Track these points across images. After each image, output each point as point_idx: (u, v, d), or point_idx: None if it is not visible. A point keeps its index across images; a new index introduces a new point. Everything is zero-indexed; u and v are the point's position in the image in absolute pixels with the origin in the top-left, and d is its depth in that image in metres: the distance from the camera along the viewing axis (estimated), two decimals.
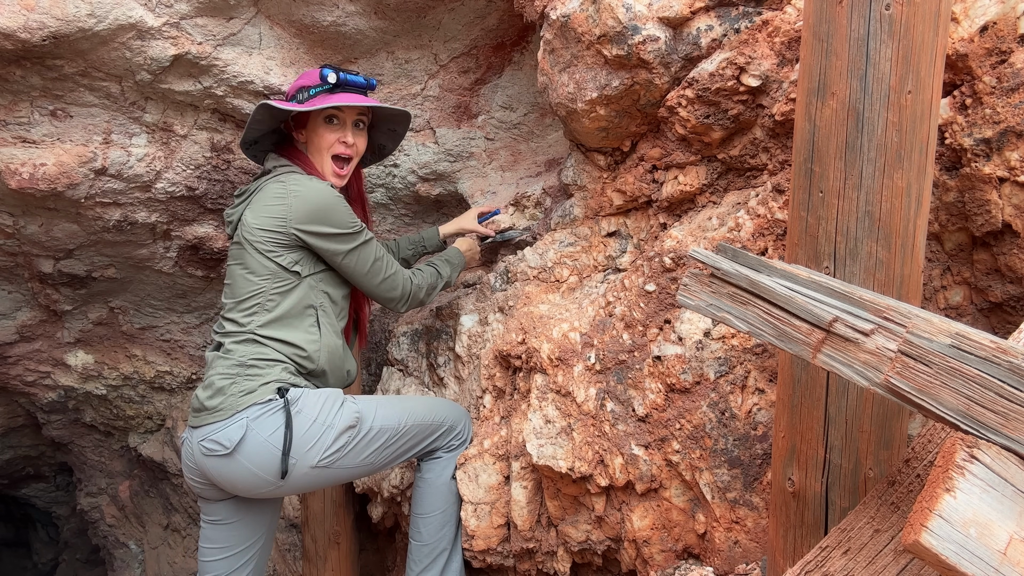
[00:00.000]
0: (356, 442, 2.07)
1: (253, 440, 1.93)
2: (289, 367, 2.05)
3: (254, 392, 1.96)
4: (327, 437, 2.01)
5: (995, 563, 0.86)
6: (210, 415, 1.97)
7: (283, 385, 2.00)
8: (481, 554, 2.28)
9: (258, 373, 2.00)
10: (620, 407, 2.03)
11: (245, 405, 1.95)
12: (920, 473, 1.22)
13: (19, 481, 4.93)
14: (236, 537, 2.15)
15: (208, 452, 1.96)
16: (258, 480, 1.97)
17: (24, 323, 3.33)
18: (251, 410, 1.94)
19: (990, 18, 1.54)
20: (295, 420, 1.97)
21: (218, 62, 2.45)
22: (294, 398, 1.99)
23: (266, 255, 2.02)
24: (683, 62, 1.98)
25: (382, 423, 2.14)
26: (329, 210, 2.04)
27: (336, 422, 2.04)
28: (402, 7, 2.47)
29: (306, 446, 1.98)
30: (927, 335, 0.96)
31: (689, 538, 1.95)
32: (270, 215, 2.02)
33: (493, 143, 2.87)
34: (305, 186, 2.04)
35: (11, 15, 2.14)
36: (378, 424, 2.13)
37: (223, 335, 2.08)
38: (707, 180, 2.10)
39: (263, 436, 1.94)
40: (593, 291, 2.29)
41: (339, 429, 2.03)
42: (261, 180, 2.13)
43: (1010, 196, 1.53)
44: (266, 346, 2.03)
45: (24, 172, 2.49)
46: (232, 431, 1.94)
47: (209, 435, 1.96)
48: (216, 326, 2.14)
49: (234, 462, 1.95)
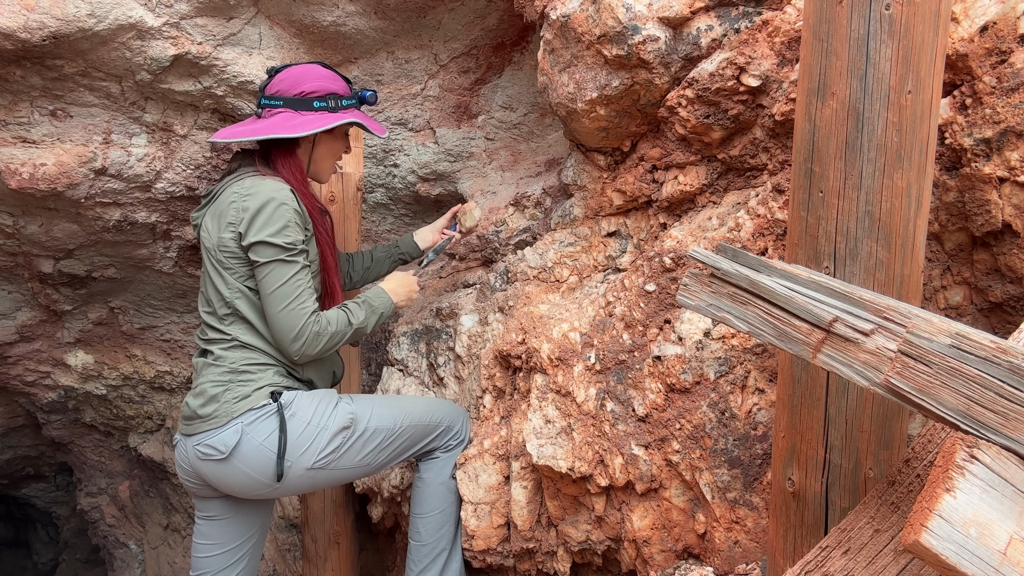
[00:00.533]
0: (351, 443, 2.07)
1: (248, 445, 1.94)
2: (280, 370, 2.05)
3: (249, 397, 1.97)
4: (321, 439, 2.01)
5: (995, 563, 0.86)
6: (204, 423, 1.97)
7: (276, 389, 2.00)
8: (481, 554, 2.28)
9: (251, 378, 2.00)
10: (620, 407, 2.03)
11: (241, 411, 1.95)
12: (920, 473, 1.22)
13: (19, 481, 4.93)
14: (229, 534, 2.15)
15: (204, 456, 1.96)
16: (254, 483, 1.98)
17: (24, 323, 3.33)
18: (246, 415, 1.95)
19: (990, 18, 1.54)
20: (289, 423, 1.97)
21: (218, 62, 2.45)
22: (287, 401, 1.99)
23: (228, 272, 2.00)
24: (683, 62, 1.98)
25: (377, 423, 2.13)
26: (273, 213, 1.94)
27: (330, 424, 2.03)
28: (402, 7, 2.47)
29: (301, 448, 1.98)
30: (927, 335, 0.96)
31: (689, 538, 1.95)
32: (228, 227, 1.97)
33: (493, 143, 2.87)
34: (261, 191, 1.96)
35: (11, 15, 2.14)
36: (373, 424, 2.12)
37: (207, 341, 2.07)
38: (707, 180, 2.10)
39: (258, 441, 1.95)
40: (593, 291, 2.29)
41: (333, 430, 2.03)
42: (226, 180, 2.09)
43: (1010, 196, 1.53)
44: (255, 351, 2.02)
45: (24, 172, 2.49)
46: (227, 436, 1.94)
47: (204, 440, 1.96)
48: (199, 332, 2.13)
49: (230, 466, 1.95)
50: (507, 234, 2.68)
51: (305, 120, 2.06)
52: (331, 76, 2.14)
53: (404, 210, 3.14)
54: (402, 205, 3.11)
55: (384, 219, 3.16)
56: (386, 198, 3.06)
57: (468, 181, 2.92)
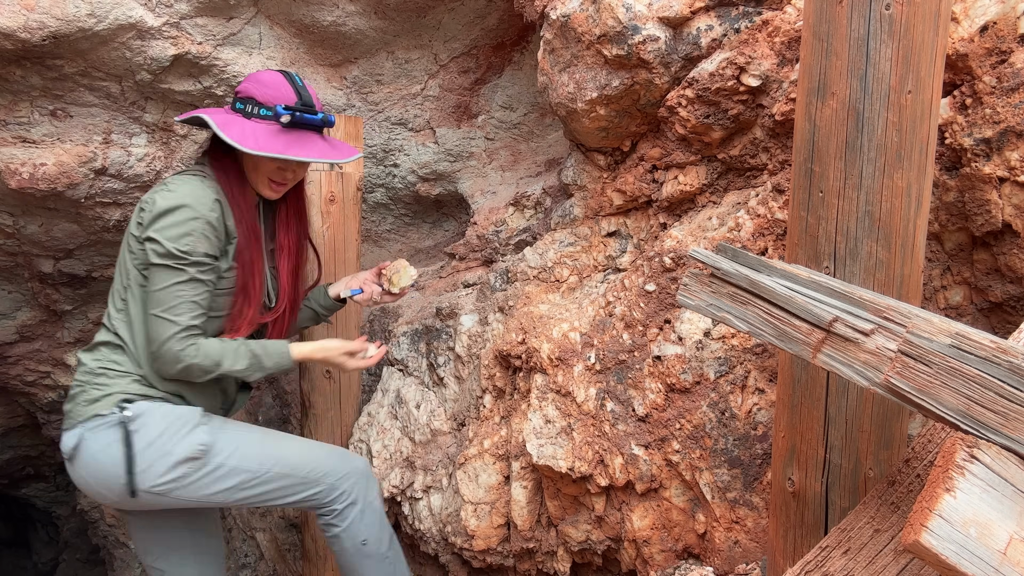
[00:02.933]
0: (197, 476, 1.86)
1: (86, 451, 1.84)
2: (140, 379, 1.88)
3: (98, 402, 1.86)
4: (162, 464, 1.83)
5: (995, 563, 0.86)
6: (64, 420, 1.91)
7: (128, 397, 1.85)
8: (481, 554, 2.28)
9: (105, 383, 1.87)
10: (620, 407, 2.03)
11: (87, 415, 1.85)
12: (920, 473, 1.22)
13: (19, 481, 4.93)
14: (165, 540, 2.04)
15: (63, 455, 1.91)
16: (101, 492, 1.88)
17: (24, 323, 3.33)
18: (91, 421, 1.85)
19: (990, 18, 1.54)
20: (134, 438, 1.82)
21: (218, 62, 2.45)
22: (135, 413, 1.83)
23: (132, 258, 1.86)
24: (683, 62, 1.98)
25: (238, 463, 1.91)
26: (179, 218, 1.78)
27: (175, 450, 1.84)
28: (402, 7, 2.47)
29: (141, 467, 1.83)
30: (927, 335, 0.96)
31: (689, 538, 1.95)
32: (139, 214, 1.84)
33: (493, 143, 2.87)
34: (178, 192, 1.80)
35: (11, 15, 2.14)
36: (233, 463, 1.90)
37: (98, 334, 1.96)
38: (707, 180, 2.10)
39: (95, 448, 1.83)
40: (593, 291, 2.29)
41: (177, 458, 1.84)
42: None
43: (1010, 196, 1.53)
44: (123, 353, 1.88)
45: (24, 172, 2.49)
46: (69, 438, 1.86)
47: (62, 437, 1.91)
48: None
49: (75, 470, 1.88)
50: (507, 234, 2.68)
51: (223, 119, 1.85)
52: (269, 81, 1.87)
53: (404, 210, 3.14)
54: (402, 205, 3.11)
55: (384, 219, 3.16)
56: (386, 198, 3.06)
57: (468, 181, 2.92)
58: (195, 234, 1.79)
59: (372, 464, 2.64)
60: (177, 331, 1.80)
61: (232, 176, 1.91)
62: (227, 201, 1.88)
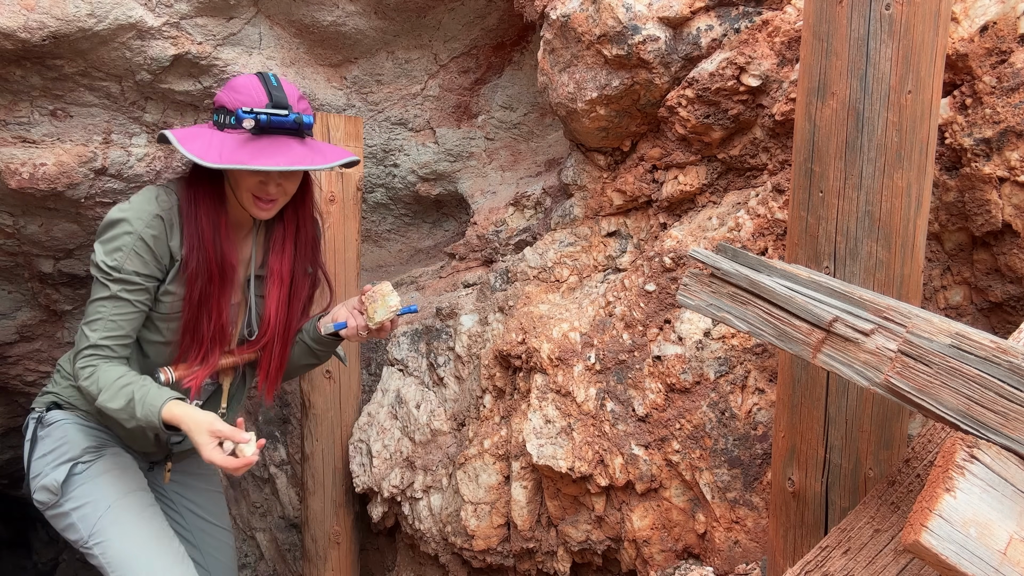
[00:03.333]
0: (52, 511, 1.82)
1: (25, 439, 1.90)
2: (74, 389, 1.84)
3: (41, 398, 1.92)
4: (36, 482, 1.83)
5: (995, 563, 0.86)
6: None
7: (57, 402, 1.86)
8: (481, 554, 2.28)
9: (53, 383, 1.92)
10: (620, 407, 2.03)
11: (32, 407, 1.92)
12: (920, 473, 1.22)
13: (19, 481, 4.93)
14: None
15: None
16: None
17: (24, 323, 3.32)
18: (31, 413, 1.91)
19: (990, 18, 1.54)
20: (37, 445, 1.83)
21: (218, 62, 2.45)
22: (49, 421, 1.84)
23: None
24: (683, 62, 1.98)
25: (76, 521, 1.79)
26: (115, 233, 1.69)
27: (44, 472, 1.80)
28: (402, 7, 2.47)
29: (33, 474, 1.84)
30: (927, 335, 0.96)
31: (689, 538, 1.95)
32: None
33: (493, 143, 2.87)
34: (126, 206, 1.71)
35: (11, 15, 2.14)
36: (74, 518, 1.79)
37: None
38: (707, 180, 2.10)
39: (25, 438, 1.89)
40: (593, 291, 2.29)
41: (42, 483, 1.80)
42: None
43: (1010, 196, 1.53)
44: None
45: (24, 172, 2.49)
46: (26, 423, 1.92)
47: None
48: None
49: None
50: (507, 234, 2.69)
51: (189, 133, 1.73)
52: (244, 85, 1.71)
53: (404, 210, 3.14)
54: (402, 205, 3.11)
55: (384, 219, 3.16)
56: (386, 198, 3.06)
57: (468, 181, 2.92)
58: (124, 250, 1.68)
59: (372, 464, 2.64)
60: (84, 347, 1.71)
61: (202, 196, 1.75)
62: (181, 222, 1.74)
